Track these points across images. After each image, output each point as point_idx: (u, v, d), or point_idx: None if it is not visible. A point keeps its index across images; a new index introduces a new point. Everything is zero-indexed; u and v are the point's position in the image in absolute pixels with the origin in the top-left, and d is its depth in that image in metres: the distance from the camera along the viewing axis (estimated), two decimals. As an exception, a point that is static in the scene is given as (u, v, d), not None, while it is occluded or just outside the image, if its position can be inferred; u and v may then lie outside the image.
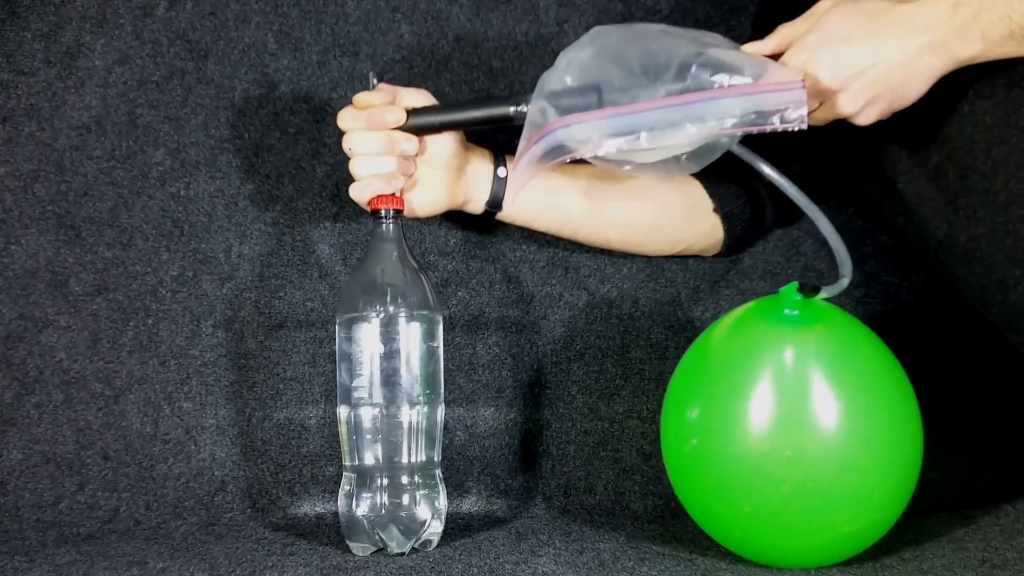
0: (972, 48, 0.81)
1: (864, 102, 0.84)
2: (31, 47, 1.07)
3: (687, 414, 0.88)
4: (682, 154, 0.87)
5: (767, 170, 0.89)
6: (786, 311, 0.87)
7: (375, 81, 0.96)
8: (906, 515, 0.88)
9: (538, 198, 1.01)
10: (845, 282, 0.89)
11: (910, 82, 0.83)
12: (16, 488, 1.03)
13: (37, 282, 1.06)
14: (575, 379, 1.12)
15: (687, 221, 1.06)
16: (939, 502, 1.09)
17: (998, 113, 0.86)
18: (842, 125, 0.88)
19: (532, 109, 0.88)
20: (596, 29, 0.89)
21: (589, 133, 0.84)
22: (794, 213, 1.13)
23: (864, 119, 0.85)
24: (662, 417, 0.93)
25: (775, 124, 0.82)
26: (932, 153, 0.90)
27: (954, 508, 1.05)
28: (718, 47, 0.86)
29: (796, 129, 0.82)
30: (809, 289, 0.87)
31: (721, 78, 0.83)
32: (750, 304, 0.91)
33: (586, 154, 0.85)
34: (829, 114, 0.85)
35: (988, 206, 0.86)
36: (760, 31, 0.90)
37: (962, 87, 0.86)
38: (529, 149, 0.87)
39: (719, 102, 0.82)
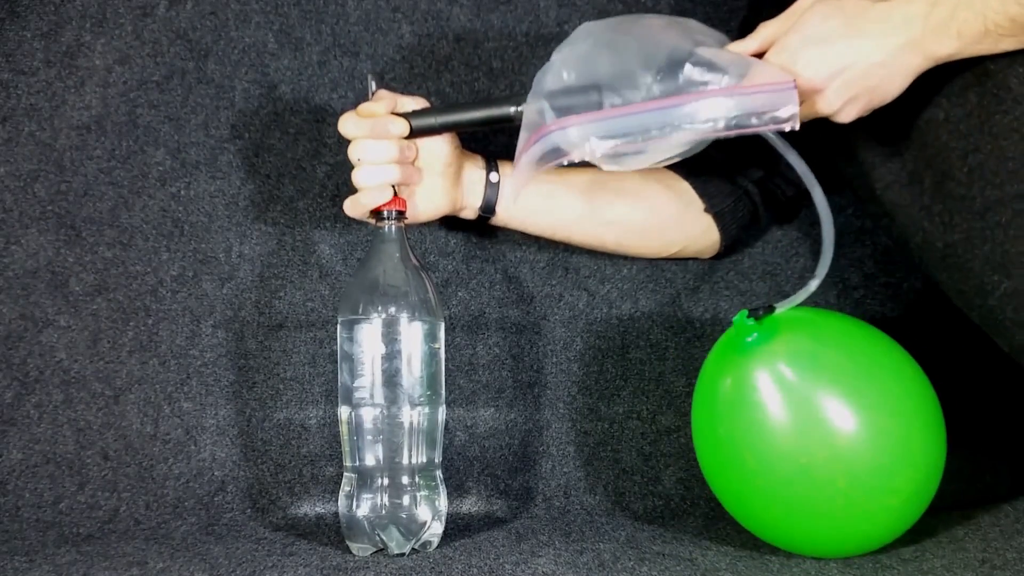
0: (949, 46, 0.82)
1: (844, 101, 0.85)
2: (31, 46, 1.07)
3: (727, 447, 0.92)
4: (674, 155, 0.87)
5: (793, 158, 0.89)
6: (747, 339, 0.89)
7: (374, 86, 0.96)
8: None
9: (531, 202, 1.01)
10: (814, 284, 0.89)
11: (889, 80, 0.84)
12: (16, 488, 1.03)
13: (37, 282, 1.06)
14: (575, 379, 1.12)
15: (680, 222, 1.07)
16: (939, 502, 1.09)
17: (972, 121, 0.86)
18: (825, 128, 0.89)
19: (529, 109, 0.87)
20: (586, 25, 0.89)
21: (584, 135, 0.84)
22: (788, 210, 1.13)
23: (844, 117, 0.86)
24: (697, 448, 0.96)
25: (767, 125, 0.82)
26: (907, 160, 0.90)
27: (954, 508, 1.05)
28: (708, 45, 0.86)
29: (788, 129, 0.82)
30: (761, 312, 0.89)
31: (714, 78, 0.83)
32: (714, 347, 0.94)
33: (582, 157, 0.85)
34: (809, 112, 0.86)
35: (964, 212, 0.87)
36: (746, 30, 0.90)
37: (937, 95, 0.87)
38: (527, 150, 0.87)
39: (712, 102, 0.82)
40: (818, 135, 0.92)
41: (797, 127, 0.82)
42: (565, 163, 0.86)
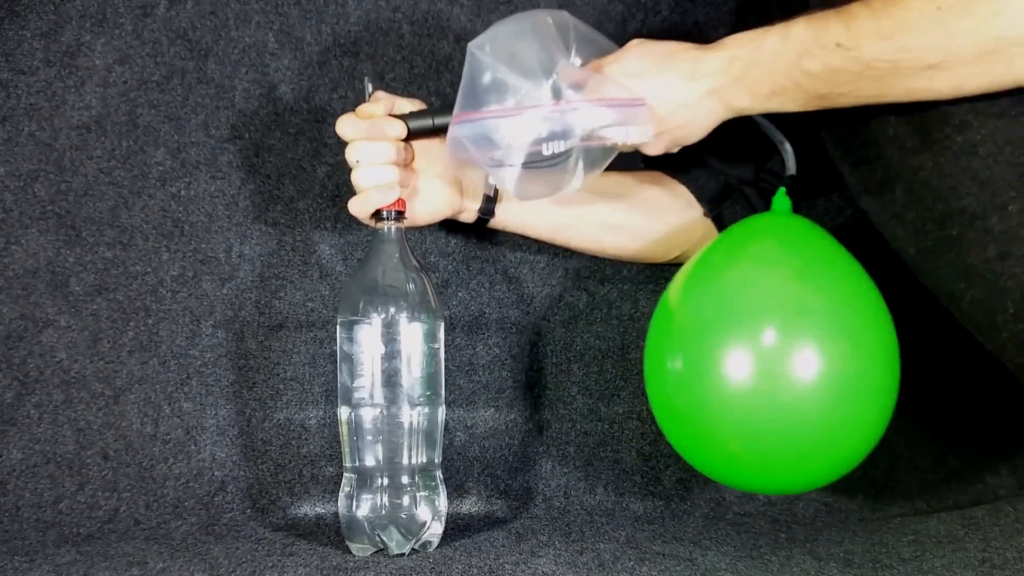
0: (743, 100, 0.86)
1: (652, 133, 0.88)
2: (31, 46, 1.07)
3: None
4: (558, 165, 0.89)
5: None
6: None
7: (371, 88, 0.96)
8: (907, 515, 0.88)
9: (530, 205, 1.01)
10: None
11: (694, 122, 0.88)
12: (16, 488, 1.03)
13: (37, 282, 1.06)
14: (575, 380, 1.12)
15: (679, 227, 1.07)
16: (939, 502, 1.09)
17: (916, 139, 0.88)
18: (808, 134, 0.90)
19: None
20: (496, 24, 0.91)
21: (460, 134, 0.87)
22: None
23: (652, 150, 0.89)
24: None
25: (623, 138, 0.86)
26: (876, 169, 0.91)
27: (954, 508, 1.05)
28: (573, 55, 0.89)
29: (639, 142, 0.86)
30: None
31: (574, 91, 0.86)
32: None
33: (461, 155, 0.87)
34: (627, 140, 0.89)
35: (931, 221, 0.88)
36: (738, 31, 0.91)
37: (887, 113, 0.88)
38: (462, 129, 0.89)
39: (576, 113, 0.85)
40: (802, 135, 0.93)
41: (650, 140, 0.86)
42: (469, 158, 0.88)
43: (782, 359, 0.83)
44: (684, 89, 0.86)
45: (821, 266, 0.88)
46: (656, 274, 1.14)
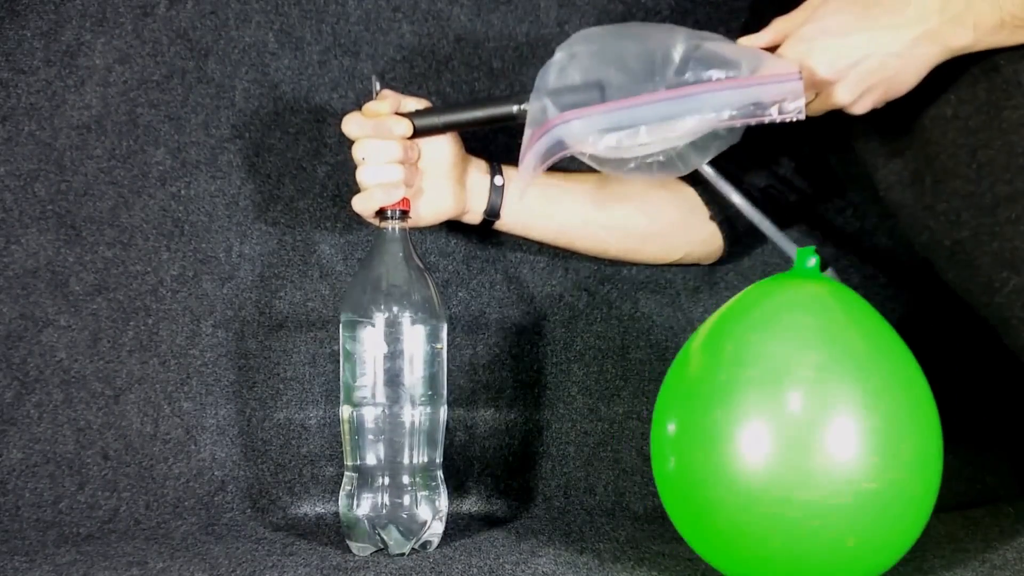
0: (964, 38, 0.82)
1: (860, 92, 0.85)
2: (31, 45, 1.07)
3: None
4: (678, 150, 0.87)
5: (734, 196, 0.91)
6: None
7: (378, 86, 0.96)
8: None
9: (535, 207, 1.01)
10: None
11: (905, 72, 0.84)
12: (16, 488, 1.03)
13: (37, 282, 1.06)
14: (575, 380, 1.12)
15: (684, 229, 1.07)
16: (939, 502, 1.09)
17: (981, 116, 0.86)
18: (825, 130, 0.89)
19: (533, 107, 0.87)
20: (584, 31, 0.89)
21: (588, 129, 0.84)
22: (792, 215, 1.13)
23: (860, 108, 0.86)
24: None
25: (773, 115, 0.82)
26: (908, 160, 0.90)
27: (954, 508, 1.05)
28: (713, 40, 0.86)
29: (794, 119, 0.82)
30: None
31: (717, 71, 0.83)
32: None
33: (585, 150, 0.85)
34: (825, 105, 0.86)
35: (972, 209, 0.87)
36: (752, 28, 0.90)
37: (945, 92, 0.87)
38: (532, 147, 0.87)
39: (717, 94, 0.82)
40: (818, 137, 0.92)
41: (803, 117, 0.82)
42: (568, 155, 0.86)
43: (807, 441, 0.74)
44: (893, 38, 0.82)
45: (853, 334, 0.79)
46: (656, 274, 1.14)
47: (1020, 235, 0.85)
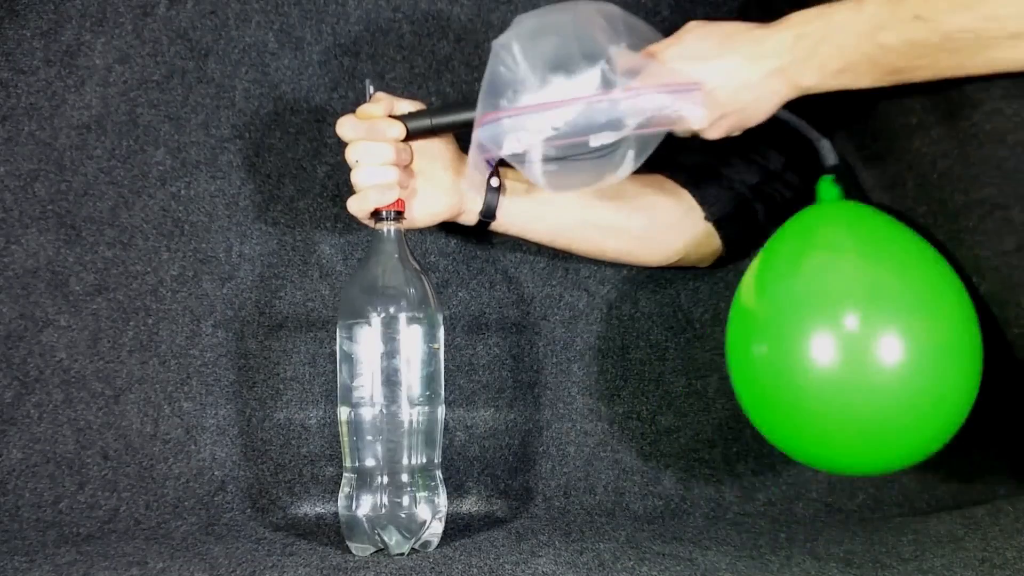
0: (811, 78, 0.84)
1: (714, 118, 0.86)
2: (31, 45, 1.07)
3: None
4: (606, 155, 0.87)
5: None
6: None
7: (371, 89, 0.96)
8: (907, 515, 0.88)
9: (531, 208, 1.01)
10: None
11: (757, 103, 0.86)
12: (16, 488, 1.03)
13: (37, 282, 1.06)
14: (575, 380, 1.12)
15: (680, 230, 1.07)
16: (939, 502, 1.09)
17: (942, 127, 0.87)
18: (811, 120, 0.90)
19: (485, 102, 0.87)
20: (521, 17, 0.88)
21: (512, 128, 0.85)
22: (787, 212, 1.13)
23: (714, 133, 0.88)
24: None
25: (678, 124, 0.84)
26: (888, 164, 0.91)
27: (954, 508, 1.05)
28: (624, 44, 0.87)
29: (696, 128, 0.85)
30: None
31: (627, 79, 0.84)
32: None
33: (511, 150, 0.86)
34: (681, 126, 0.87)
35: (941, 215, 0.88)
36: None
37: (911, 100, 0.88)
38: (473, 141, 0.88)
39: (627, 102, 0.83)
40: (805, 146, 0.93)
41: (706, 126, 0.85)
42: (492, 159, 0.87)
43: (867, 341, 0.85)
44: (747, 70, 0.84)
45: (891, 247, 0.89)
46: (656, 274, 1.14)
47: (979, 244, 0.86)
